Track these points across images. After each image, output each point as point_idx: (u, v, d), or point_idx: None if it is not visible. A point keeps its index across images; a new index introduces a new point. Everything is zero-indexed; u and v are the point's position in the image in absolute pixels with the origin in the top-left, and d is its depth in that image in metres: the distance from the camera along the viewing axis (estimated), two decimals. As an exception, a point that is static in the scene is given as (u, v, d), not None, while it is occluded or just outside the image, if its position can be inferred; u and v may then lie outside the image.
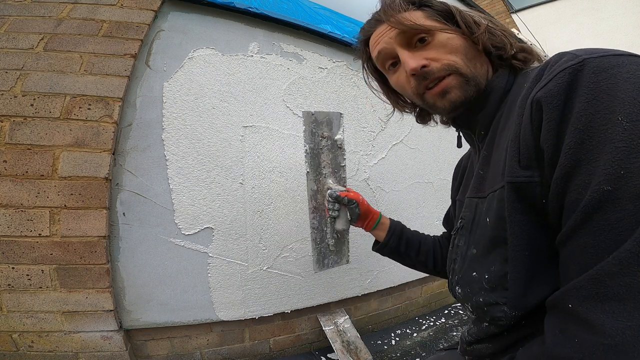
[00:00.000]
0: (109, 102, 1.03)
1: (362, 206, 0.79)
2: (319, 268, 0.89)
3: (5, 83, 0.98)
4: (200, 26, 1.24)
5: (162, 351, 1.13)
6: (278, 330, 1.32)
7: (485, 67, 0.48)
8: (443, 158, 1.90)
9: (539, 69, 0.37)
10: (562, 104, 0.32)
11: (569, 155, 0.31)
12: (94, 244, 0.97)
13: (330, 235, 0.87)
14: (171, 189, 1.12)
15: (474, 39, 0.46)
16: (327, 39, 1.50)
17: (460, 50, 0.46)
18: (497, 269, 0.41)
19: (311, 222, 0.87)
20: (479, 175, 0.48)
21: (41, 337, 0.96)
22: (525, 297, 0.38)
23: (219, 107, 1.22)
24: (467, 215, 0.50)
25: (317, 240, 0.88)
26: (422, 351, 1.38)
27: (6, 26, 1.05)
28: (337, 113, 0.91)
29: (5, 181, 0.93)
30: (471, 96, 0.47)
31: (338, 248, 0.90)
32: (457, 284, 0.51)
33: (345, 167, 0.91)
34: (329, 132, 0.89)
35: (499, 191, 0.40)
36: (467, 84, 0.46)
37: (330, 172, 0.89)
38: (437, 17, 0.47)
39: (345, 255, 0.92)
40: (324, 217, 0.86)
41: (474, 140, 0.53)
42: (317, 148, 0.88)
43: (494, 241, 0.41)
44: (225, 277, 1.19)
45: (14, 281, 0.92)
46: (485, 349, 0.49)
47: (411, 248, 0.79)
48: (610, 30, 4.30)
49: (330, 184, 0.87)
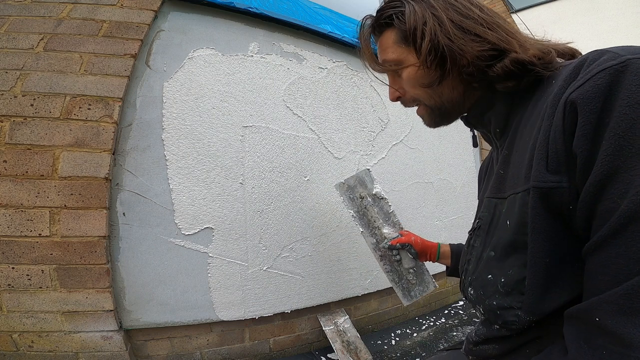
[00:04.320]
0: (109, 102, 1.03)
1: (417, 245, 0.85)
2: (408, 301, 0.94)
3: (5, 83, 0.98)
4: (200, 26, 1.24)
5: (162, 351, 1.13)
6: (278, 330, 1.32)
7: (460, 88, 0.46)
8: (443, 158, 1.90)
9: (573, 67, 0.34)
10: (600, 107, 0.30)
11: (605, 162, 0.29)
12: (94, 244, 0.97)
13: (406, 272, 0.92)
14: (171, 189, 1.12)
15: (432, 67, 0.43)
16: (327, 39, 1.50)
17: (419, 83, 0.47)
18: (514, 273, 0.40)
19: (383, 269, 0.93)
20: (499, 175, 0.46)
21: (41, 337, 0.96)
22: (542, 303, 0.37)
23: (219, 107, 1.22)
24: (485, 215, 0.48)
25: (396, 280, 0.93)
26: (422, 351, 1.38)
27: (6, 26, 1.05)
28: (364, 171, 0.97)
29: (5, 181, 0.93)
30: (443, 121, 0.51)
31: (419, 279, 0.94)
32: (469, 285, 0.50)
33: (395, 212, 0.96)
34: (365, 191, 0.95)
35: (521, 194, 0.38)
36: (432, 113, 0.50)
37: (382, 222, 0.94)
38: (402, 43, 0.46)
39: (431, 282, 0.94)
40: (392, 261, 0.92)
41: (491, 139, 0.52)
42: (361, 209, 0.94)
43: (513, 245, 0.40)
44: (225, 277, 1.19)
45: (14, 281, 0.92)
46: (491, 350, 0.49)
47: None
48: (610, 30, 4.30)
49: (385, 234, 0.93)
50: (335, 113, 1.49)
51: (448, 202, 1.90)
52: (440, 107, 0.48)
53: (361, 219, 0.94)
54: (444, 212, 1.88)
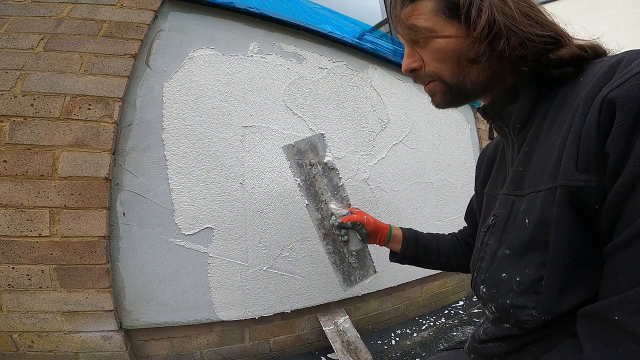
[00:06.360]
0: (109, 102, 1.03)
1: (369, 225, 0.79)
2: (347, 286, 0.88)
3: (5, 83, 0.98)
4: (200, 26, 1.24)
5: (162, 351, 1.13)
6: (278, 330, 1.32)
7: (489, 72, 0.45)
8: (443, 158, 1.90)
9: (608, 66, 0.34)
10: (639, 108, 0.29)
11: (638, 163, 0.29)
12: (94, 244, 0.97)
13: (349, 255, 0.86)
14: (171, 189, 1.12)
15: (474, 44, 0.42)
16: (327, 39, 1.50)
17: (450, 58, 0.44)
18: (531, 272, 0.39)
19: (326, 249, 0.86)
20: (517, 172, 0.45)
21: (41, 337, 0.96)
22: (558, 303, 0.37)
23: (219, 107, 1.22)
24: (501, 213, 0.47)
25: (338, 263, 0.87)
26: (422, 351, 1.38)
27: (6, 26, 1.04)
28: (317, 135, 0.88)
29: (5, 181, 0.93)
30: (455, 102, 0.49)
31: (361, 263, 0.88)
32: (482, 283, 0.49)
33: (344, 186, 0.89)
34: (316, 158, 0.87)
35: (544, 192, 0.38)
36: (449, 91, 0.47)
37: (330, 195, 0.86)
38: (442, 13, 0.44)
39: (371, 267, 0.89)
40: (337, 241, 0.85)
41: (507, 133, 0.50)
42: (309, 178, 0.85)
43: (532, 243, 0.40)
44: (225, 277, 1.19)
45: (14, 281, 0.92)
46: (497, 348, 0.49)
47: (430, 252, 0.77)
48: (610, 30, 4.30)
49: (333, 209, 0.84)
50: (335, 113, 1.49)
51: (448, 202, 1.90)
52: (460, 86, 0.46)
53: (307, 190, 0.85)
54: (444, 212, 1.88)
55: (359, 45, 1.58)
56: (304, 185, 0.85)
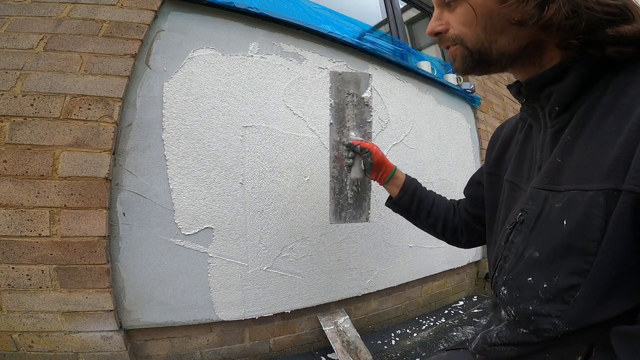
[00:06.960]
0: (109, 102, 1.03)
1: (376, 156, 0.78)
2: (335, 220, 0.88)
3: (5, 83, 0.98)
4: (200, 26, 1.24)
5: (162, 351, 1.13)
6: (278, 330, 1.32)
7: (523, 41, 0.40)
8: (443, 158, 1.90)
9: None
10: None
11: None
12: (94, 244, 0.97)
13: (350, 187, 0.87)
14: (171, 189, 1.12)
15: (509, 9, 0.37)
16: (327, 39, 1.50)
17: (478, 22, 0.41)
18: (561, 280, 0.36)
19: (331, 171, 0.88)
20: (554, 163, 0.40)
21: (41, 337, 0.96)
22: (590, 316, 0.34)
23: (219, 107, 1.22)
24: (531, 209, 0.42)
25: (336, 190, 0.88)
26: (422, 351, 1.38)
27: (6, 26, 1.04)
28: (365, 73, 0.90)
29: (5, 181, 0.93)
30: (475, 69, 0.46)
31: (357, 202, 0.89)
32: (503, 285, 0.45)
33: (372, 123, 0.91)
34: (356, 90, 0.89)
35: (593, 193, 0.33)
36: (469, 56, 0.44)
37: (355, 125, 0.89)
38: None
39: (365, 212, 0.90)
40: (343, 167, 0.87)
41: (539, 115, 0.45)
42: (342, 103, 0.88)
43: (567, 249, 0.35)
44: (225, 277, 1.19)
45: (14, 281, 0.92)
46: (509, 352, 0.46)
47: (422, 209, 0.76)
48: None
49: (352, 136, 0.87)
50: (335, 113, 1.49)
51: (448, 202, 1.90)
52: (484, 54, 0.43)
53: (337, 112, 0.88)
54: (444, 212, 1.87)
55: (359, 45, 1.58)
56: (335, 107, 0.88)
